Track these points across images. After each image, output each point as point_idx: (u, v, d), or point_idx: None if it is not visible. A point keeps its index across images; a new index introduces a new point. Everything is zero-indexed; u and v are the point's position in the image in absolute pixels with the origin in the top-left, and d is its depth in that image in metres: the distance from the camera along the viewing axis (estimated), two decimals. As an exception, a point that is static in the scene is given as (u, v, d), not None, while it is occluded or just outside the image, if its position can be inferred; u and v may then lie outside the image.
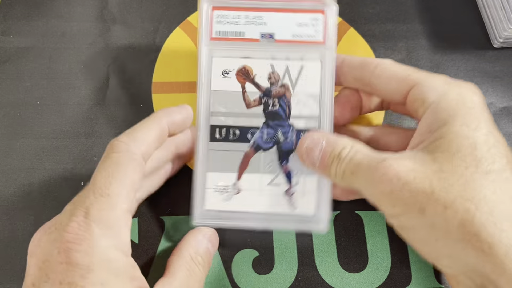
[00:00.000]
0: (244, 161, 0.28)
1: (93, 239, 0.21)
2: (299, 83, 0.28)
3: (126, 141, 0.24)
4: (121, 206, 0.23)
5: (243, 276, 0.30)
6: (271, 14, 0.28)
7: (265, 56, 0.28)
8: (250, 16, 0.27)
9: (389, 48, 0.39)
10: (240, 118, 0.28)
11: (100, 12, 0.39)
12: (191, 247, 0.27)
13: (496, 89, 0.37)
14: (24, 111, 0.35)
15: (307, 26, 0.28)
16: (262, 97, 0.28)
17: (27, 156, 0.34)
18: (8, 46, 0.37)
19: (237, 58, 0.28)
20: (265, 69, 0.28)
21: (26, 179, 0.33)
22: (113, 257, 0.22)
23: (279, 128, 0.28)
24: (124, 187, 0.23)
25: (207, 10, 0.28)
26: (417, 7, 0.40)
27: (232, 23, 0.28)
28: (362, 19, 0.40)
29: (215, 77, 0.28)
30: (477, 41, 0.39)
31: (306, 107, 0.28)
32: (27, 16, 0.39)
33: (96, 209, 0.22)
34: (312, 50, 0.28)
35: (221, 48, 0.28)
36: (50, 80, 0.36)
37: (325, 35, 0.28)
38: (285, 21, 0.28)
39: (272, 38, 0.28)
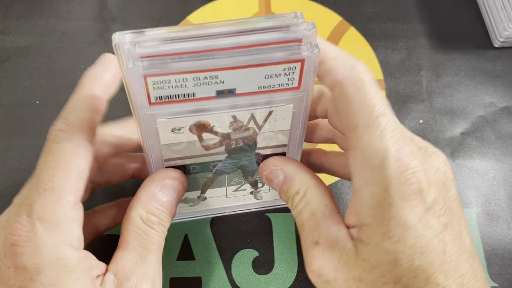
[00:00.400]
0: (208, 183, 0.27)
1: (38, 239, 0.20)
2: (266, 125, 0.23)
3: (64, 128, 0.22)
4: (67, 199, 0.21)
5: (243, 276, 0.30)
6: (230, 72, 0.20)
7: (224, 109, 0.22)
8: (201, 77, 0.19)
9: (390, 47, 0.39)
10: (198, 158, 0.25)
11: (99, 11, 0.39)
12: (140, 206, 0.23)
13: (496, 89, 0.37)
14: (23, 111, 0.35)
15: (279, 77, 0.20)
16: (223, 141, 0.24)
17: (27, 156, 0.34)
18: (7, 46, 0.37)
19: (187, 117, 0.21)
20: (224, 120, 0.22)
21: (25, 179, 0.33)
22: (62, 255, 0.21)
23: (243, 158, 0.26)
24: (69, 177, 0.21)
25: (135, 77, 0.19)
26: (418, 7, 0.40)
27: (177, 87, 0.20)
28: (362, 18, 0.40)
29: (163, 135, 0.22)
30: (477, 40, 0.39)
31: (275, 139, 0.25)
32: (27, 15, 0.39)
33: (39, 205, 0.21)
34: (282, 96, 0.22)
35: (166, 110, 0.21)
36: (50, 80, 0.36)
37: (301, 82, 0.21)
38: (249, 76, 0.20)
39: (233, 94, 0.21)
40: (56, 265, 0.20)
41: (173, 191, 0.24)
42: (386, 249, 0.20)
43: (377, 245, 0.20)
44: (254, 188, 0.29)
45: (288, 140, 0.25)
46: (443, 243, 0.20)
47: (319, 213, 0.23)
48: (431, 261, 0.20)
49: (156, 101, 0.20)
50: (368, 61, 0.38)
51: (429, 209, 0.20)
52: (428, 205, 0.20)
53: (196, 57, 0.19)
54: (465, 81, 0.37)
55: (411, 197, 0.20)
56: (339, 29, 0.39)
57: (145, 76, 0.19)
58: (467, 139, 0.35)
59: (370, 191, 0.21)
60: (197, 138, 0.23)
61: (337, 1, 0.41)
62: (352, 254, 0.21)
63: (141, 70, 0.18)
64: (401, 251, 0.20)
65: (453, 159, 0.35)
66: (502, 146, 0.35)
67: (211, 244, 0.31)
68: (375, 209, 0.21)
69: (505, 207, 0.33)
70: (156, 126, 0.21)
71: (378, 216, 0.21)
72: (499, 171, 0.34)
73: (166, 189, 0.24)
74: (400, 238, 0.20)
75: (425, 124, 0.36)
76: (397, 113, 0.36)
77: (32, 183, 0.22)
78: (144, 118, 0.21)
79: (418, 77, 0.38)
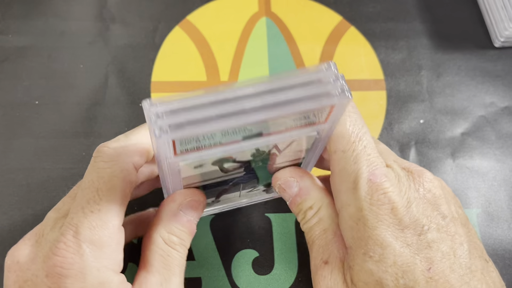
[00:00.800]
0: (223, 192, 0.27)
1: (84, 262, 0.20)
2: (287, 149, 0.23)
3: (116, 148, 0.22)
4: (113, 223, 0.21)
5: (243, 277, 0.30)
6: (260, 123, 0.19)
7: (248, 147, 0.21)
8: (229, 131, 0.19)
9: (390, 47, 0.38)
10: (216, 179, 0.24)
11: (99, 11, 0.39)
12: (162, 227, 0.23)
13: (497, 89, 0.37)
14: (22, 111, 0.35)
15: (307, 118, 0.20)
16: (243, 165, 0.23)
17: (26, 156, 0.34)
18: (6, 45, 0.37)
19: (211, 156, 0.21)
20: (247, 153, 0.22)
21: (25, 179, 0.33)
22: (105, 279, 0.20)
23: (259, 172, 0.25)
24: (115, 202, 0.21)
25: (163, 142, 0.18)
26: (418, 6, 0.40)
27: (204, 139, 0.19)
28: (363, 18, 0.39)
29: (185, 171, 0.22)
30: (478, 40, 0.39)
31: (292, 157, 0.25)
32: (26, 15, 0.39)
33: (86, 227, 0.20)
34: (307, 130, 0.21)
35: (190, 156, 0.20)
36: (49, 80, 0.36)
37: (329, 118, 0.20)
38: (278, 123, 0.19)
39: (259, 135, 0.20)
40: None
41: (193, 210, 0.24)
42: (369, 269, 0.21)
43: (360, 266, 0.21)
44: (267, 188, 0.29)
45: (306, 154, 0.25)
46: (426, 261, 0.20)
47: (331, 231, 0.24)
48: (415, 279, 0.20)
49: (182, 152, 0.19)
50: (369, 61, 0.38)
51: (406, 227, 0.21)
52: (404, 223, 0.21)
53: (226, 115, 0.18)
54: (466, 81, 0.37)
55: (384, 217, 0.21)
56: (340, 29, 0.39)
57: (174, 140, 0.18)
58: (467, 139, 0.35)
59: (347, 213, 0.22)
60: (218, 167, 0.23)
61: (337, 1, 0.41)
62: (349, 278, 0.22)
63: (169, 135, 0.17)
64: (384, 271, 0.20)
65: (453, 159, 0.34)
66: (502, 146, 0.35)
67: (211, 244, 0.31)
68: (353, 229, 0.21)
69: (506, 207, 0.33)
70: (178, 168, 0.21)
71: (357, 237, 0.21)
72: (499, 172, 0.34)
73: (187, 209, 0.24)
74: (380, 257, 0.20)
75: (426, 124, 0.36)
76: (398, 113, 0.36)
77: (78, 202, 0.21)
78: (168, 165, 0.20)
79: (419, 77, 0.37)
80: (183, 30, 0.39)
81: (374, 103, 0.36)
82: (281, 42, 0.38)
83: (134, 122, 0.26)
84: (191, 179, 0.23)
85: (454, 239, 0.21)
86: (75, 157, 0.34)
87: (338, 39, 0.39)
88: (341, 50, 0.38)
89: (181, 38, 0.38)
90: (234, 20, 0.39)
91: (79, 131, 0.34)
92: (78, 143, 0.34)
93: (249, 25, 0.39)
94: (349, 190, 0.22)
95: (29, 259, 0.21)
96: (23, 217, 0.32)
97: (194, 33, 0.38)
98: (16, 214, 0.32)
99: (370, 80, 0.37)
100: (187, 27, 0.39)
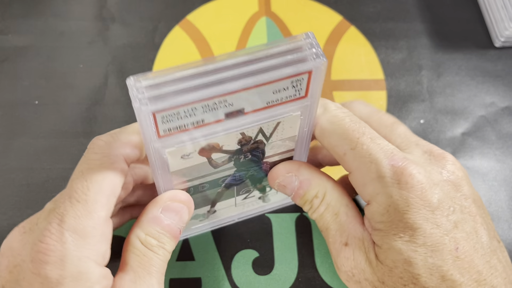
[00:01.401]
0: (217, 198, 0.27)
1: (65, 250, 0.20)
2: (274, 135, 0.23)
3: (108, 140, 0.22)
4: (99, 214, 0.21)
5: (243, 277, 0.30)
6: (239, 94, 0.19)
7: (233, 129, 0.22)
8: (210, 104, 0.19)
9: (390, 47, 0.38)
10: (208, 177, 0.24)
11: (99, 10, 0.39)
12: (139, 229, 0.23)
13: (497, 89, 0.37)
14: (22, 111, 0.35)
15: (287, 90, 0.21)
16: (232, 157, 0.24)
17: (26, 156, 0.34)
18: (6, 45, 0.37)
19: (197, 141, 0.21)
20: (233, 138, 0.22)
21: (24, 179, 0.33)
22: (85, 269, 0.20)
23: (251, 169, 0.25)
24: (103, 192, 0.21)
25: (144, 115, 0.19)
26: (418, 6, 0.40)
27: (186, 117, 0.19)
28: (363, 18, 0.39)
29: (173, 162, 0.22)
30: (478, 40, 0.39)
31: (282, 147, 0.25)
32: (26, 14, 0.38)
33: (71, 216, 0.21)
34: (290, 106, 0.22)
35: (175, 139, 0.21)
36: (49, 80, 0.36)
37: (309, 90, 0.21)
38: (257, 94, 0.20)
39: (241, 113, 0.21)
40: (77, 278, 0.20)
41: (175, 213, 0.23)
42: (398, 248, 0.21)
43: (389, 245, 0.21)
44: (262, 193, 0.29)
45: (295, 144, 0.25)
46: (454, 241, 0.21)
47: (343, 213, 0.24)
48: (443, 258, 0.21)
49: (165, 133, 0.20)
50: (369, 61, 0.38)
51: (436, 209, 0.21)
52: (433, 205, 0.21)
53: (205, 85, 0.19)
54: (466, 81, 0.37)
55: (415, 200, 0.21)
56: (340, 29, 0.39)
57: (154, 113, 0.18)
58: (468, 139, 0.35)
59: (377, 202, 0.22)
60: (207, 160, 0.23)
61: (337, 1, 0.40)
62: (373, 256, 0.22)
63: (149, 107, 0.18)
64: (413, 250, 0.21)
65: (453, 159, 0.34)
66: (503, 146, 0.35)
67: (211, 244, 0.31)
68: (384, 216, 0.22)
69: (506, 207, 0.33)
70: (165, 156, 0.21)
71: (388, 221, 0.21)
72: (499, 172, 0.34)
73: (168, 212, 0.23)
74: (411, 238, 0.21)
75: (426, 124, 0.36)
76: (398, 113, 0.36)
77: (66, 192, 0.22)
78: (153, 151, 0.21)
79: (419, 77, 0.37)
80: (183, 30, 0.39)
81: (374, 103, 0.36)
82: (281, 42, 0.38)
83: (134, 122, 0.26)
84: (181, 175, 0.23)
85: (475, 220, 0.22)
86: (75, 157, 0.33)
87: (338, 39, 0.39)
88: (341, 50, 0.38)
89: (181, 38, 0.38)
90: (234, 20, 0.39)
91: (79, 131, 0.34)
92: (78, 143, 0.34)
93: (249, 25, 0.39)
94: (374, 180, 0.22)
95: (20, 245, 0.22)
96: (23, 217, 0.32)
97: (194, 33, 0.38)
98: (15, 214, 0.32)
99: (370, 80, 0.37)
100: (187, 27, 0.39)
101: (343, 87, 0.37)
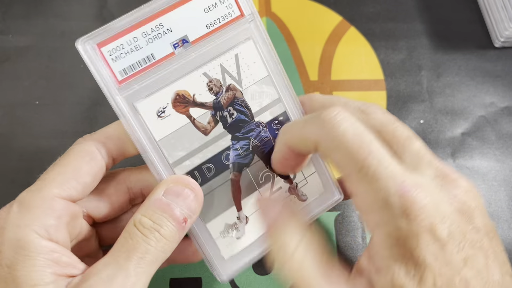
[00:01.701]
0: (235, 188, 0.25)
1: (7, 218, 0.21)
2: (243, 75, 0.23)
3: (86, 136, 0.24)
4: (50, 190, 0.21)
5: (243, 276, 0.30)
6: (171, 15, 0.21)
7: (191, 67, 0.22)
8: (147, 30, 0.21)
9: (390, 47, 0.38)
10: (205, 150, 0.23)
11: (99, 11, 0.39)
12: (138, 212, 0.21)
13: (497, 89, 0.37)
14: (23, 111, 0.35)
15: (217, 6, 0.22)
16: (214, 114, 0.23)
17: (26, 156, 0.34)
18: (7, 46, 0.37)
19: (163, 89, 0.22)
20: (199, 82, 0.22)
21: (25, 180, 0.33)
22: (22, 237, 0.20)
23: (249, 135, 0.24)
24: (62, 173, 0.22)
25: (91, 52, 0.20)
26: (418, 7, 0.40)
27: (133, 50, 0.21)
28: (363, 18, 0.39)
29: (151, 125, 0.22)
30: (478, 40, 0.39)
31: (264, 95, 0.24)
32: (26, 15, 0.39)
33: (26, 191, 0.21)
34: (234, 30, 0.23)
35: (138, 87, 0.21)
36: (49, 80, 0.36)
37: (240, 7, 0.23)
38: (190, 13, 0.22)
39: (187, 42, 0.22)
40: (14, 245, 0.20)
41: (178, 196, 0.21)
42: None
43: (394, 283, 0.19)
44: (289, 182, 0.26)
45: (277, 91, 0.24)
46: (464, 281, 0.19)
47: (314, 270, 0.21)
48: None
49: (122, 76, 0.21)
50: (369, 61, 0.38)
51: (445, 244, 0.19)
52: (443, 241, 0.19)
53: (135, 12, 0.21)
54: (466, 81, 0.37)
55: (424, 235, 0.19)
56: (340, 29, 0.39)
57: (99, 45, 0.20)
58: (467, 139, 0.35)
59: (382, 232, 0.20)
60: (188, 119, 0.23)
61: (337, 1, 0.41)
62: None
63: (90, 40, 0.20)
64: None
65: (453, 160, 0.34)
66: (502, 146, 0.35)
67: (211, 244, 0.31)
68: (391, 249, 0.19)
69: (506, 207, 0.33)
70: (139, 114, 0.22)
71: (395, 255, 0.19)
72: (499, 172, 0.34)
73: (171, 195, 0.21)
74: (421, 278, 0.19)
75: (426, 124, 0.36)
76: (398, 113, 0.36)
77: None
78: (121, 106, 0.21)
79: (419, 77, 0.38)
80: (183, 30, 0.39)
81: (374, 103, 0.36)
82: (281, 42, 0.38)
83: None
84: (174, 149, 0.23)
85: (487, 255, 0.20)
86: (76, 157, 0.34)
87: (338, 39, 0.39)
88: (341, 50, 0.38)
89: (181, 38, 0.38)
90: (234, 20, 0.39)
91: (79, 131, 0.34)
92: (78, 143, 0.34)
93: (249, 25, 0.39)
94: (381, 209, 0.19)
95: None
96: (24, 217, 0.32)
97: (194, 33, 0.39)
98: (16, 214, 0.32)
99: (370, 80, 0.37)
100: (187, 27, 0.39)
101: (343, 87, 0.37)
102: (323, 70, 0.38)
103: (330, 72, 0.38)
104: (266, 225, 0.22)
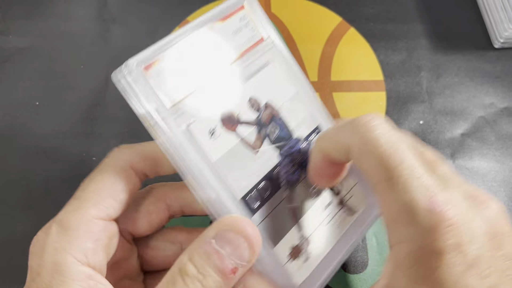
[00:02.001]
0: (292, 207, 0.24)
1: (46, 240, 0.20)
2: (272, 93, 0.24)
3: (122, 148, 0.23)
4: (88, 211, 0.21)
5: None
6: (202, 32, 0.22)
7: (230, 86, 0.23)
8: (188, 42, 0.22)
9: (390, 48, 0.39)
10: (256, 168, 0.23)
11: (99, 12, 0.39)
12: (186, 251, 0.20)
13: (497, 90, 0.37)
14: (23, 112, 0.35)
15: (242, 30, 0.23)
16: (259, 131, 0.23)
17: (26, 156, 0.34)
18: (7, 46, 0.37)
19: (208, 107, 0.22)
20: (239, 101, 0.23)
21: (25, 180, 0.33)
22: (60, 261, 0.20)
23: (293, 150, 0.24)
24: (98, 192, 0.21)
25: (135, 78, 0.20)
26: (418, 7, 0.40)
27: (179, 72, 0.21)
28: (362, 19, 0.40)
29: (206, 146, 0.21)
30: (477, 41, 0.39)
31: (296, 111, 0.25)
32: (26, 16, 0.39)
33: (63, 211, 0.21)
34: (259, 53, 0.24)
35: (188, 108, 0.21)
36: (49, 80, 0.36)
37: (259, 30, 0.24)
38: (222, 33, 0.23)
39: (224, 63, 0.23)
40: (51, 269, 0.20)
41: (229, 245, 0.20)
42: None
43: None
44: (337, 193, 0.26)
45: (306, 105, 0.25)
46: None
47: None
48: None
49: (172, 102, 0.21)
50: (368, 62, 0.38)
51: (470, 267, 0.18)
52: (469, 263, 0.18)
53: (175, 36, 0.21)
54: (465, 82, 0.37)
55: (450, 255, 0.17)
56: (339, 30, 0.39)
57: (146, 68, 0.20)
58: (467, 140, 0.35)
59: (404, 250, 0.18)
60: (238, 138, 0.22)
61: (337, 2, 0.41)
62: None
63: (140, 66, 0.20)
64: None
65: (453, 160, 0.35)
66: (502, 147, 0.35)
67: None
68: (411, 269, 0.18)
69: (505, 207, 0.33)
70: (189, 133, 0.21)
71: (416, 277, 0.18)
72: (499, 172, 0.34)
73: (221, 240, 0.20)
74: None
75: (425, 125, 0.36)
76: (397, 114, 0.36)
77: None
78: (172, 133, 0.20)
79: (418, 78, 0.38)
80: (183, 31, 0.39)
81: (374, 104, 0.36)
82: (281, 43, 0.39)
83: (134, 123, 0.26)
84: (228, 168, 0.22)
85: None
86: (75, 158, 0.34)
87: (338, 40, 0.39)
88: (340, 51, 0.38)
89: (181, 39, 0.38)
90: (234, 21, 0.40)
91: (79, 132, 0.35)
92: (78, 144, 0.34)
93: (249, 26, 0.39)
94: (406, 224, 0.18)
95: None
96: (23, 217, 0.32)
97: (194, 34, 0.39)
98: (16, 214, 0.32)
99: (370, 81, 0.37)
100: (187, 28, 0.39)
101: (342, 88, 0.37)
102: (323, 71, 0.38)
103: (329, 72, 0.38)
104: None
